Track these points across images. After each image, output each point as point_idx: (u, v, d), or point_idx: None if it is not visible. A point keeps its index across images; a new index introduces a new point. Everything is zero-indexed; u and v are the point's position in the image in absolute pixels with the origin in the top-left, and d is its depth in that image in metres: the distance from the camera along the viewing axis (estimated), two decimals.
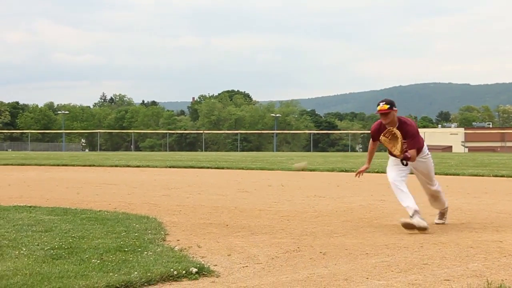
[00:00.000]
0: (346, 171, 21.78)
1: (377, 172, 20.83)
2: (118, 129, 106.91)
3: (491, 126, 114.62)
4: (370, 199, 12.09)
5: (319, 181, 17.42)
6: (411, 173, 8.72)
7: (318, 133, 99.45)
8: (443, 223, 8.87)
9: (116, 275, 5.13)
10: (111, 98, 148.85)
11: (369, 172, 20.02)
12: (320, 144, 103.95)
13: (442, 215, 9.01)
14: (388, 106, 8.20)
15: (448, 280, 5.31)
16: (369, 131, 9.13)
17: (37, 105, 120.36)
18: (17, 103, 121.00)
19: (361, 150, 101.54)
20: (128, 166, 25.73)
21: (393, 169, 8.54)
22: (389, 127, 8.25)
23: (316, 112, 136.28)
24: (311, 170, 22.69)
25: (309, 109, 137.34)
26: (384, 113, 8.25)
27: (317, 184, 16.46)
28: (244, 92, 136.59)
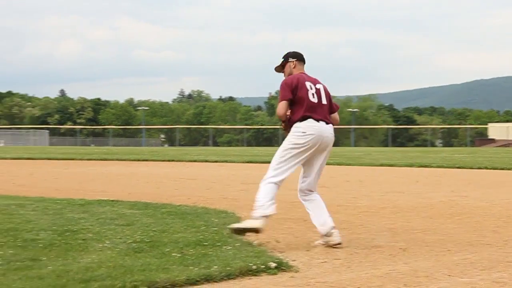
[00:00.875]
0: (425, 166, 21.40)
1: (458, 167, 20.42)
2: (196, 124, 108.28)
3: None
4: (451, 195, 11.84)
5: (398, 177, 17.18)
6: None
7: (396, 128, 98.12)
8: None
9: (196, 268, 5.19)
10: (189, 94, 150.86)
11: (449, 167, 19.65)
12: (399, 139, 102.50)
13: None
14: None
15: None
16: (450, 126, 8.92)
17: (118, 101, 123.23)
18: (99, 99, 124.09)
19: (441, 145, 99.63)
20: (207, 161, 26.00)
21: None
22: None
23: (394, 107, 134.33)
24: (389, 166, 22.40)
25: (387, 104, 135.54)
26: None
27: (395, 179, 16.24)
28: None
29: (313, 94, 6.78)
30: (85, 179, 16.01)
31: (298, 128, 6.78)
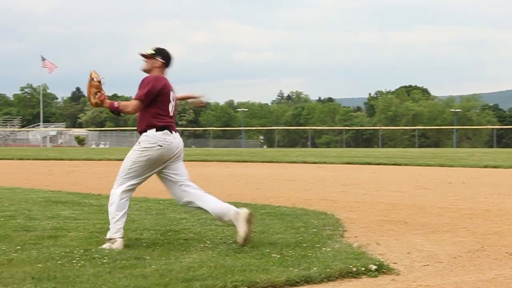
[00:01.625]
0: None
1: None
2: (295, 125, 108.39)
3: None
4: None
5: (504, 179, 16.63)
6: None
7: (502, 129, 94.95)
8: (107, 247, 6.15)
9: (296, 270, 5.20)
10: (288, 95, 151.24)
11: None
12: (504, 139, 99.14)
13: (107, 241, 6.24)
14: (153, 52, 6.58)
15: None
16: None
17: (218, 103, 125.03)
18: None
19: None
20: (305, 162, 25.97)
21: None
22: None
23: (500, 107, 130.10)
24: (494, 167, 21.71)
25: (491, 104, 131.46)
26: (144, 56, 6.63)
27: (501, 181, 15.72)
28: (422, 87, 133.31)
29: (172, 106, 6.57)
30: None
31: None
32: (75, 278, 4.87)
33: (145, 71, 6.59)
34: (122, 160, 6.61)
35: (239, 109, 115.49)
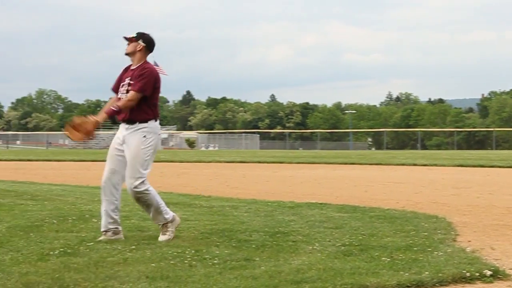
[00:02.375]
0: None
1: None
2: (404, 127, 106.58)
3: None
4: None
5: None
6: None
7: None
8: (167, 240, 6.59)
9: (406, 274, 5.11)
10: (397, 97, 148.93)
11: None
12: None
13: (164, 228, 6.73)
14: (135, 35, 6.74)
15: None
16: None
17: (325, 105, 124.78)
18: (308, 103, 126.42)
19: None
20: (415, 164, 25.50)
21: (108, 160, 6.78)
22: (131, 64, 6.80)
23: None
24: None
25: None
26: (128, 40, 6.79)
27: None
28: None
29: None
30: (294, 182, 16.36)
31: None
32: (187, 278, 4.98)
33: (127, 54, 6.77)
34: (231, 162, 6.69)
35: (347, 111, 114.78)
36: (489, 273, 5.19)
